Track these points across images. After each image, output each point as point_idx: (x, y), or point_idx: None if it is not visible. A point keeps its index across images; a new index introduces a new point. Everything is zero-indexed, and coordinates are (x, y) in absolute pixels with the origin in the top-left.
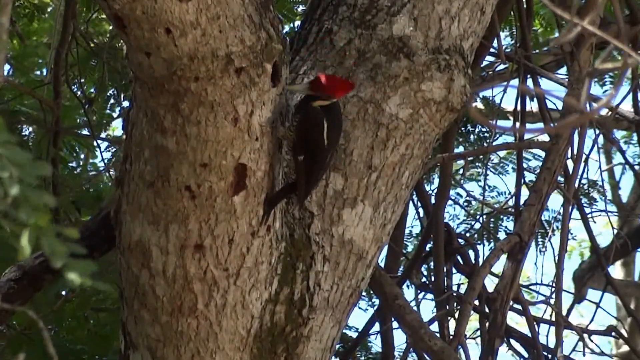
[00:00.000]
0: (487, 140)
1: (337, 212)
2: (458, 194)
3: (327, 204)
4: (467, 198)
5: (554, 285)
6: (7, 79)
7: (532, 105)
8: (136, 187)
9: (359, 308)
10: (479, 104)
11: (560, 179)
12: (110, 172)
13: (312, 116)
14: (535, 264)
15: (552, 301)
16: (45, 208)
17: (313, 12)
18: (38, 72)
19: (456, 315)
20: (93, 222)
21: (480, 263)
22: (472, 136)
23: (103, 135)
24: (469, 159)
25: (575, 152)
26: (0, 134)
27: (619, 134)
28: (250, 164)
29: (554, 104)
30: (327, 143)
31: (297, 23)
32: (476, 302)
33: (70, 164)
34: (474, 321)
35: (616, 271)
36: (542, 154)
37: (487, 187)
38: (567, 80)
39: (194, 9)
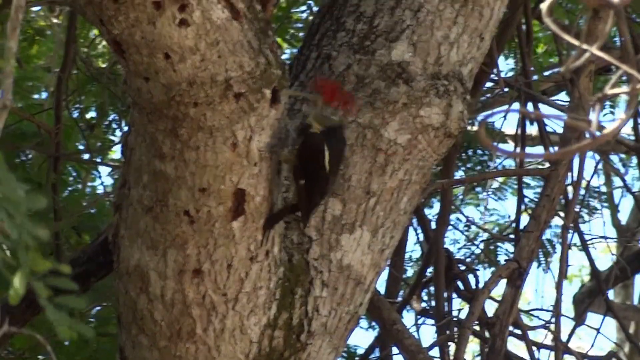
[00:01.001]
0: (487, 165)
1: (336, 237)
2: (458, 219)
3: (326, 229)
4: (467, 223)
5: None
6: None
7: (532, 129)
8: (134, 212)
9: (360, 327)
10: (476, 127)
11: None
12: (110, 197)
13: (312, 142)
14: (537, 290)
15: (552, 326)
16: (41, 255)
17: (312, 37)
18: (37, 96)
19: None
20: (91, 247)
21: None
22: (471, 162)
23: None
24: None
25: (575, 178)
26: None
27: (616, 157)
28: (249, 189)
29: (553, 129)
30: (329, 169)
31: None
32: (478, 327)
33: (70, 187)
34: (475, 345)
35: (615, 294)
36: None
37: (487, 211)
38: (567, 106)
39: (193, 34)
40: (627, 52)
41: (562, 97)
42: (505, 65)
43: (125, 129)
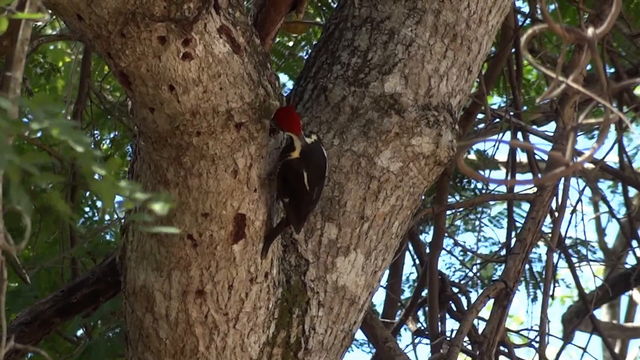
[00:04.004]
0: (483, 191)
1: (331, 260)
2: (455, 244)
3: (322, 252)
4: (463, 247)
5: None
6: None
7: (522, 157)
8: (141, 235)
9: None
10: (473, 156)
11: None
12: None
13: (291, 168)
14: (527, 311)
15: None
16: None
17: (308, 70)
18: None
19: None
20: (100, 268)
21: None
22: (467, 190)
23: None
24: (462, 210)
25: (559, 203)
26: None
27: (605, 184)
28: (249, 214)
29: (541, 157)
30: (310, 187)
31: None
32: (470, 347)
33: (87, 214)
34: None
35: (602, 313)
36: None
37: (483, 238)
38: (552, 135)
39: (196, 67)
40: (601, 84)
41: (552, 127)
42: (498, 98)
43: None
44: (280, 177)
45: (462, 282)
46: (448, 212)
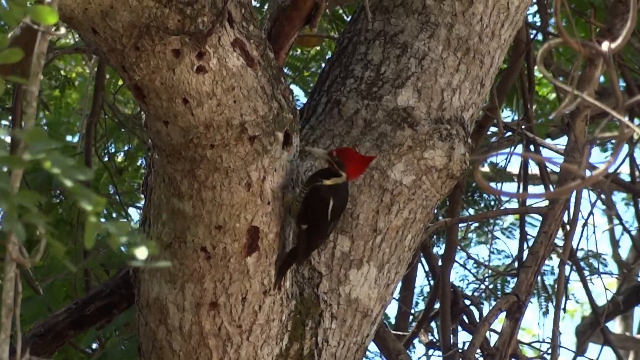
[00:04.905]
0: (494, 207)
1: (344, 272)
2: (468, 257)
3: (335, 264)
4: (477, 260)
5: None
6: None
7: (535, 169)
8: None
9: None
10: (486, 168)
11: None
12: None
13: (319, 194)
14: (539, 324)
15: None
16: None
17: (322, 84)
18: (69, 137)
19: None
20: (114, 281)
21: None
22: (482, 202)
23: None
24: (476, 224)
25: (571, 216)
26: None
27: (619, 196)
28: (262, 226)
29: (553, 170)
30: (330, 218)
31: None
32: (482, 358)
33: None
34: None
35: (616, 325)
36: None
37: (496, 250)
38: (564, 148)
39: (209, 80)
40: (616, 98)
41: (565, 139)
42: (510, 111)
43: None
44: (305, 201)
45: (476, 294)
46: (460, 225)
